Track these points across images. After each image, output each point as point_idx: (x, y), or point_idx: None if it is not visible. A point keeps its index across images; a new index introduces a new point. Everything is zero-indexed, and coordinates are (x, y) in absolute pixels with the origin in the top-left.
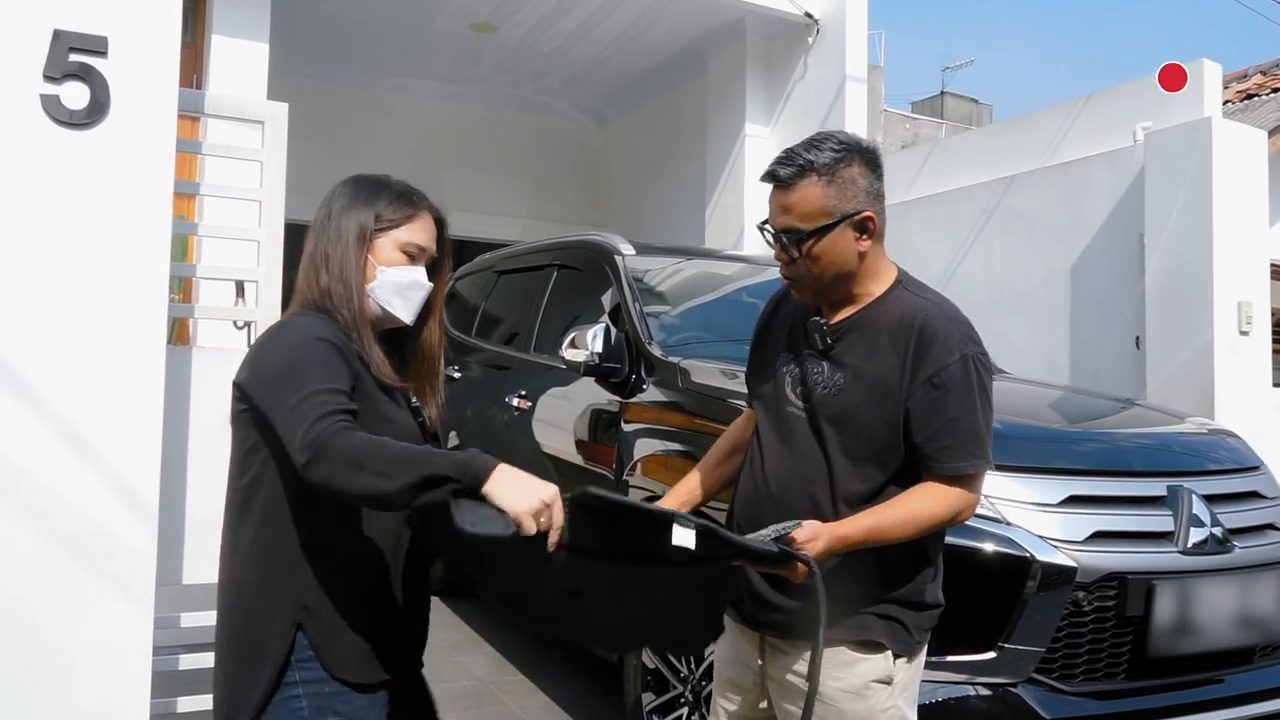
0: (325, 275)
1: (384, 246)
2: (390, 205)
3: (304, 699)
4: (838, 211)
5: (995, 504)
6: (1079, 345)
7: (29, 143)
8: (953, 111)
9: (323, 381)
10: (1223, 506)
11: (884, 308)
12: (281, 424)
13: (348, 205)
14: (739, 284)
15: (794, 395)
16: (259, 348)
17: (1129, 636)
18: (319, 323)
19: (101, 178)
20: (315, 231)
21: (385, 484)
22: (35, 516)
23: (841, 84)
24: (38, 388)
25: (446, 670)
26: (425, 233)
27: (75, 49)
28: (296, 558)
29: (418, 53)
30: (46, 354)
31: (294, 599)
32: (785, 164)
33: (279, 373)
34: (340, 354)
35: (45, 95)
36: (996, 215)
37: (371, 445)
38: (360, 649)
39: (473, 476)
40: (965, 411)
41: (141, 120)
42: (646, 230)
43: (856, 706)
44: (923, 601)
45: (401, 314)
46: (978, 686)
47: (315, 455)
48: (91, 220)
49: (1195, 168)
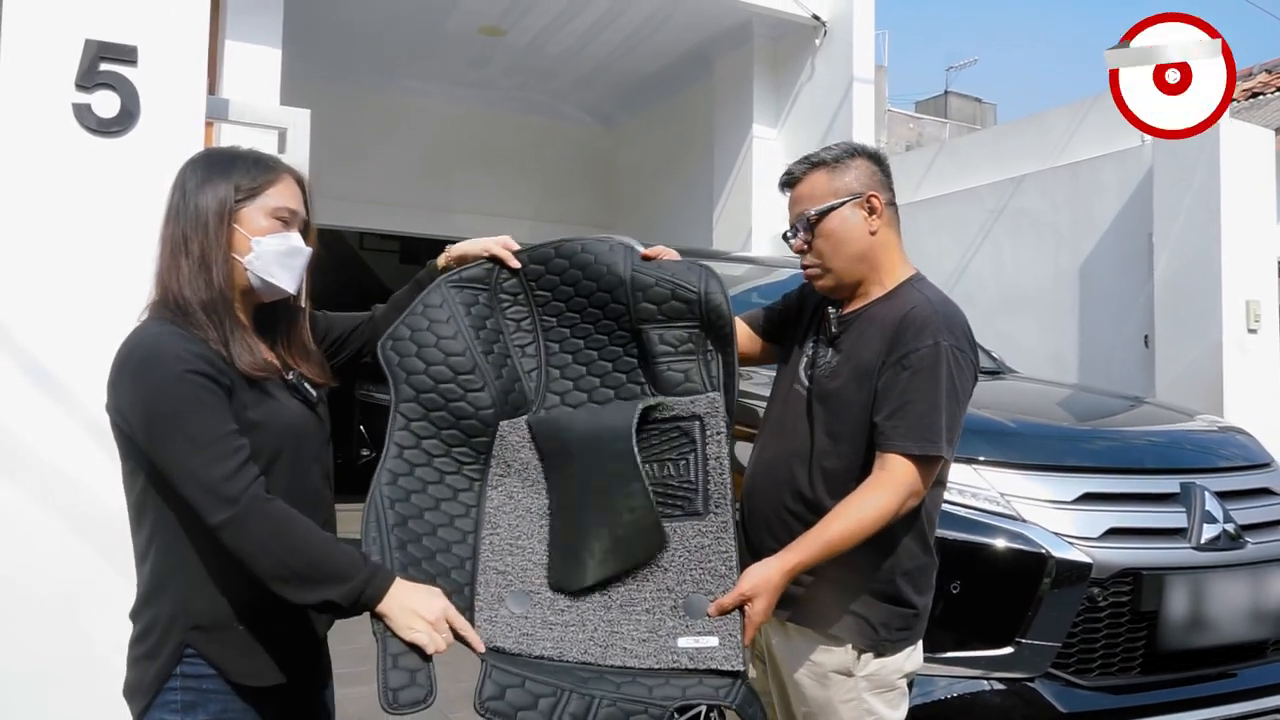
0: (185, 262)
1: (251, 216)
2: (247, 174)
3: (179, 692)
4: (843, 192)
5: (1011, 501)
6: (1088, 344)
7: (61, 150)
8: (957, 111)
9: (210, 432)
10: (1235, 503)
11: (890, 302)
12: (181, 484)
13: (201, 182)
14: (749, 285)
15: (804, 376)
16: (119, 380)
17: (1143, 631)
18: (175, 343)
19: (131, 184)
20: (170, 217)
21: (281, 582)
22: (68, 512)
23: (849, 85)
24: (70, 387)
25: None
26: (292, 195)
27: (106, 58)
28: (186, 578)
29: (427, 56)
30: (78, 354)
31: (186, 619)
32: (797, 165)
33: (154, 419)
34: (209, 379)
35: (77, 104)
36: (1005, 216)
37: (285, 535)
38: (249, 656)
39: (364, 605)
40: (925, 396)
41: (170, 127)
42: (654, 232)
43: (817, 693)
44: (893, 596)
45: (285, 284)
46: (995, 681)
47: (226, 525)
48: (121, 225)
49: (1203, 167)
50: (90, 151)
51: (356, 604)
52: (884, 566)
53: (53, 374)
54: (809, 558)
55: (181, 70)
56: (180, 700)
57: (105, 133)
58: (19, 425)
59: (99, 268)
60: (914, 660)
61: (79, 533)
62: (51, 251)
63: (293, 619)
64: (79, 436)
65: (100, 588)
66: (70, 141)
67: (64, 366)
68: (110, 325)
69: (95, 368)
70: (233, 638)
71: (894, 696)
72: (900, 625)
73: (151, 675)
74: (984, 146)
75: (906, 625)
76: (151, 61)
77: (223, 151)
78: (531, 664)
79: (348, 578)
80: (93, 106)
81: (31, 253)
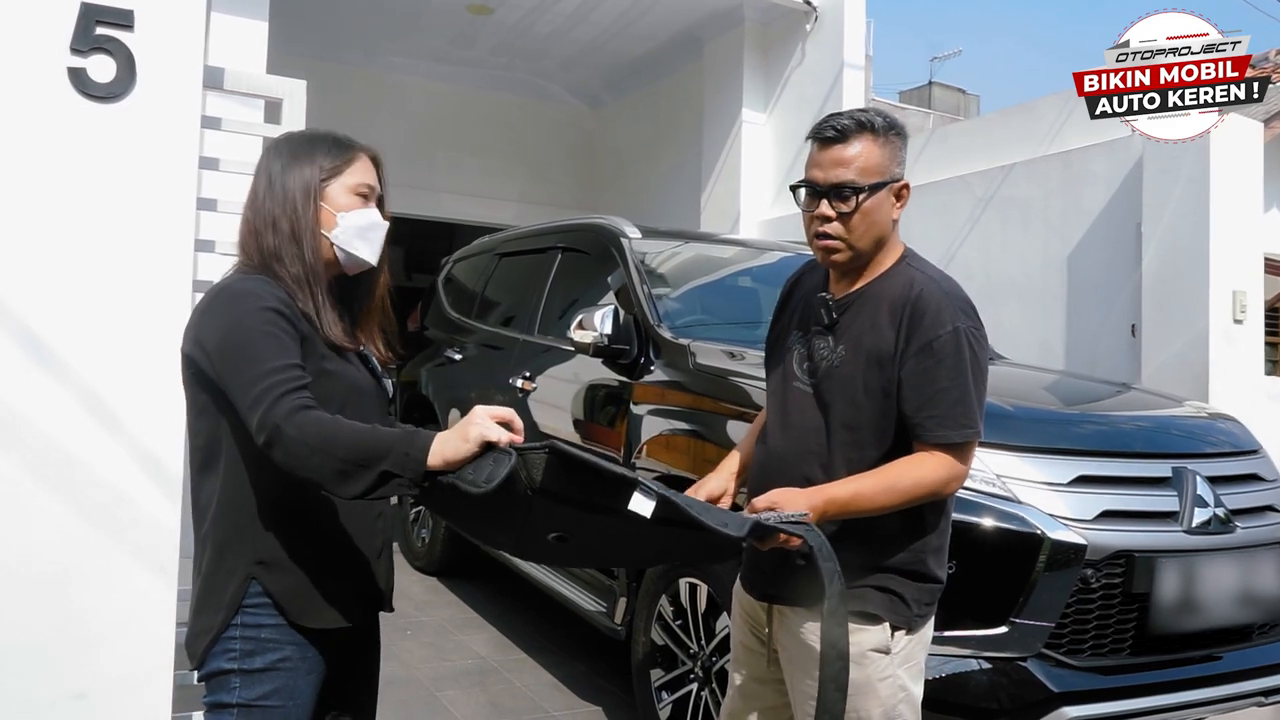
0: (272, 237)
1: (335, 194)
2: (329, 154)
3: (238, 641)
4: (888, 173)
5: (1007, 482)
6: (1075, 333)
7: (56, 115)
8: (940, 102)
9: (274, 357)
10: (1225, 488)
11: (887, 282)
12: (238, 400)
13: (287, 165)
14: (741, 266)
15: (800, 371)
16: (203, 315)
17: (1134, 613)
18: (261, 286)
19: (127, 150)
20: (257, 197)
21: (337, 477)
22: (63, 487)
23: (839, 71)
24: (66, 359)
25: (450, 649)
26: (369, 172)
27: (102, 22)
28: (252, 515)
29: (414, 33)
30: (74, 326)
31: (250, 554)
32: (842, 119)
33: (228, 345)
34: (286, 320)
35: (72, 68)
36: (994, 204)
37: (324, 433)
38: (309, 597)
39: (416, 462)
40: (954, 382)
41: (167, 94)
42: (641, 215)
43: (855, 674)
44: (922, 573)
45: (367, 255)
46: (987, 660)
47: (271, 438)
48: (117, 192)
49: (1192, 158)
50: (86, 117)
51: (408, 462)
52: (913, 545)
53: (46, 343)
54: (839, 493)
55: (179, 35)
56: (239, 649)
57: (101, 98)
58: (15, 399)
59: (96, 235)
60: (930, 634)
61: (74, 509)
62: (48, 219)
63: (353, 569)
64: (75, 411)
65: (96, 565)
66: (66, 106)
67: (57, 336)
68: (107, 294)
69: (88, 337)
70: (294, 579)
71: (917, 671)
72: (928, 600)
73: (212, 622)
74: (973, 134)
75: (932, 600)
76: (148, 26)
77: (303, 134)
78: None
79: (391, 448)
80: (88, 71)
81: (27, 220)
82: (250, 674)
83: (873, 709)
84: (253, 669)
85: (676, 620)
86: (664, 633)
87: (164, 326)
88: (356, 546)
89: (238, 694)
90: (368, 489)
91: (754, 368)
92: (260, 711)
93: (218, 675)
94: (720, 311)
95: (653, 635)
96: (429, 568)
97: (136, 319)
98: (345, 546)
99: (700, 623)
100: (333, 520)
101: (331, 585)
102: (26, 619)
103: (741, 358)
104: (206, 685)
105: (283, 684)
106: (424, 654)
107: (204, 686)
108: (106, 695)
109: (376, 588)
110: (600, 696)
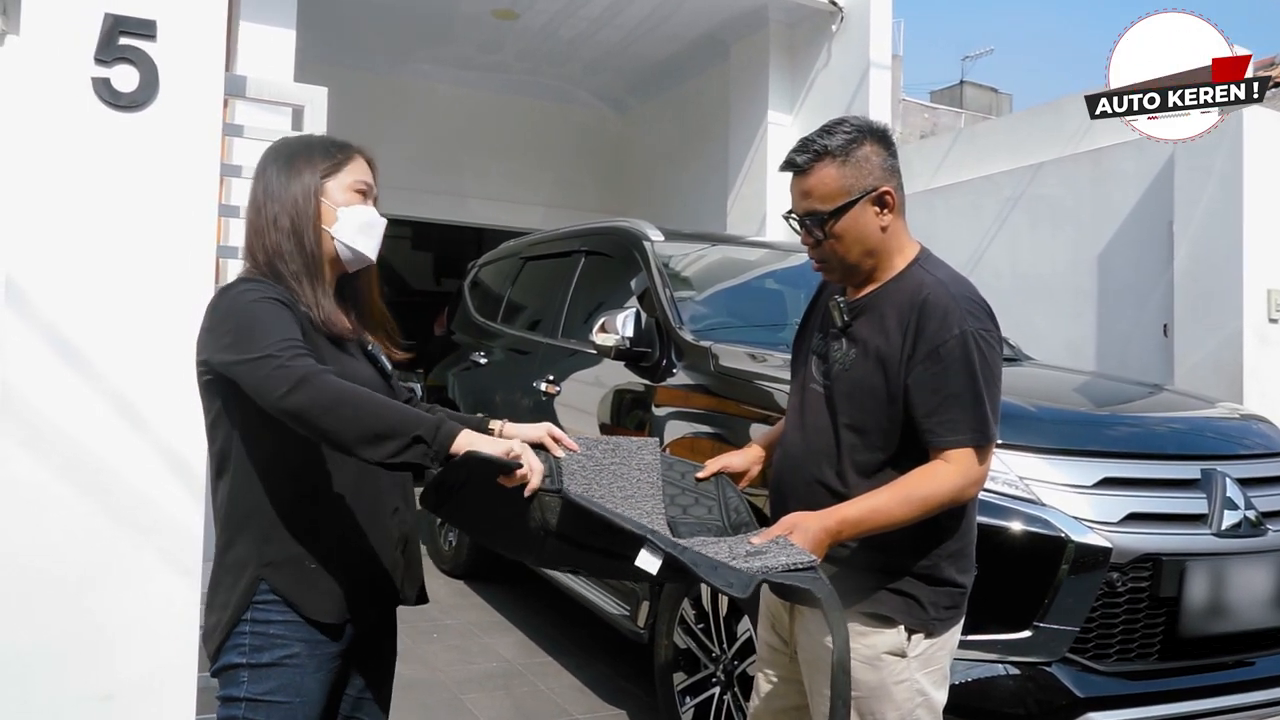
0: (275, 234)
1: (335, 190)
2: (326, 153)
3: (248, 636)
4: (856, 189)
5: (1030, 485)
6: (1106, 333)
7: (81, 124)
8: (972, 101)
9: (283, 331)
10: (1256, 490)
11: (898, 284)
12: (248, 371)
13: (286, 166)
14: (765, 269)
15: (817, 373)
16: (208, 314)
17: (1162, 617)
18: (262, 285)
19: (150, 158)
20: (259, 199)
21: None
22: (89, 490)
23: (865, 72)
24: (92, 362)
25: (475, 652)
26: (366, 171)
27: (125, 32)
28: (264, 519)
29: (440, 39)
30: (99, 329)
31: (259, 555)
32: (801, 151)
33: (235, 332)
34: (289, 309)
35: (96, 78)
36: (1023, 203)
37: (344, 397)
38: (320, 592)
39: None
40: (963, 387)
41: (189, 103)
42: (668, 218)
43: (869, 676)
44: (940, 577)
45: (367, 250)
46: (1011, 665)
47: (297, 384)
48: (141, 199)
49: (1225, 155)
50: (110, 126)
51: (438, 435)
52: (926, 550)
53: (74, 346)
54: (853, 513)
55: (200, 45)
56: (249, 644)
57: (125, 107)
58: (42, 400)
59: (120, 241)
60: (956, 640)
61: (101, 512)
62: (73, 226)
63: (365, 566)
64: (101, 415)
65: (118, 568)
66: (90, 115)
67: (84, 339)
68: (132, 299)
69: (113, 341)
70: (305, 575)
71: (939, 677)
72: (948, 604)
73: (225, 618)
74: (1001, 134)
75: (954, 604)
76: (170, 36)
77: (299, 138)
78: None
79: (421, 420)
80: (112, 81)
81: (53, 227)
82: (258, 669)
83: (888, 713)
84: (261, 664)
85: (699, 623)
86: (686, 636)
87: (186, 331)
88: (370, 544)
89: (246, 688)
90: (395, 452)
91: (776, 370)
92: (267, 706)
93: (228, 669)
94: (743, 314)
95: (675, 639)
96: (455, 571)
97: (160, 323)
98: (357, 544)
99: (722, 626)
100: (345, 519)
101: (342, 581)
102: (52, 621)
103: (764, 360)
104: (219, 680)
105: (290, 680)
106: (449, 657)
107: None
108: (131, 696)
109: (391, 584)
110: (623, 699)
